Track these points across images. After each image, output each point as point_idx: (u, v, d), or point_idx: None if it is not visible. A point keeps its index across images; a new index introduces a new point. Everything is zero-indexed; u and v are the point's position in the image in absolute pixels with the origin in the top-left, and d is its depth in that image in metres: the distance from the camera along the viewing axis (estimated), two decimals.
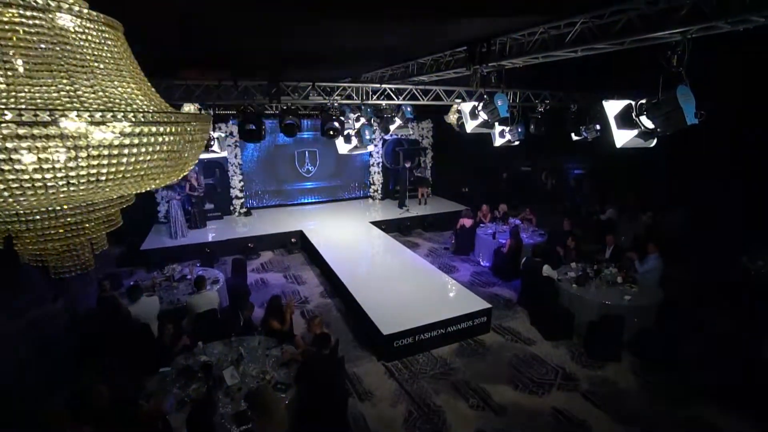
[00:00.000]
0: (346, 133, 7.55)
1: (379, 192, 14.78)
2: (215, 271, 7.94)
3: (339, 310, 7.84)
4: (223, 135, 7.05)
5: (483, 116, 5.40)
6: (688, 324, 6.62)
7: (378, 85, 7.34)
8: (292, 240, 11.12)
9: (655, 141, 3.86)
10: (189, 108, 7.40)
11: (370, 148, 8.05)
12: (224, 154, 7.30)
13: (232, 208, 12.82)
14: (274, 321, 5.67)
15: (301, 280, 9.25)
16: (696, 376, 5.71)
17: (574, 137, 9.17)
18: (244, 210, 12.89)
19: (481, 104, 5.38)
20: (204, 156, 6.90)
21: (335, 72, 7.04)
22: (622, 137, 3.77)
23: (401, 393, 5.54)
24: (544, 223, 10.87)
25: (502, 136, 8.03)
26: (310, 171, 14.04)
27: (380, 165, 14.62)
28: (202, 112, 6.64)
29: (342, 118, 7.46)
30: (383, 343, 6.14)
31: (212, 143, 6.52)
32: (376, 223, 11.99)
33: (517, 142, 8.11)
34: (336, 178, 14.56)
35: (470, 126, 5.67)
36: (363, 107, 7.90)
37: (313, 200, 14.36)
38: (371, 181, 14.74)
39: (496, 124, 5.60)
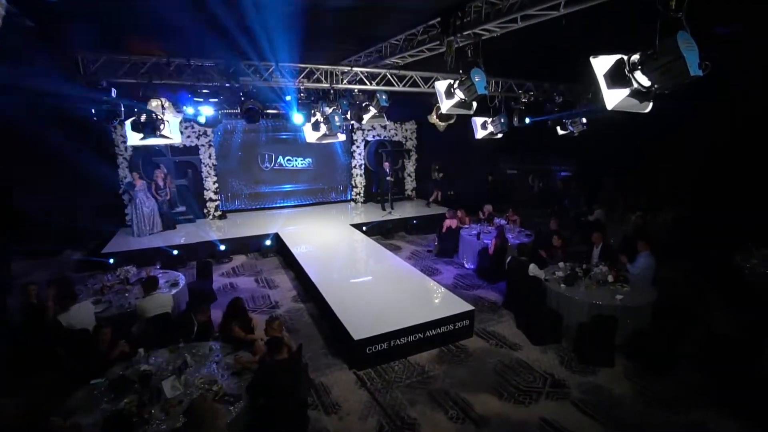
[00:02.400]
0: (314, 120, 6.99)
1: (362, 194, 14.28)
2: (176, 273, 7.30)
3: (311, 314, 7.24)
4: (178, 119, 6.29)
5: (459, 95, 4.91)
6: (683, 325, 6.17)
7: (348, 68, 6.78)
8: (267, 243, 10.54)
9: (650, 105, 3.38)
10: (156, 104, 6.61)
11: (341, 136, 7.46)
12: (177, 140, 6.55)
13: (205, 210, 12.23)
14: (237, 327, 5.05)
15: (273, 284, 8.63)
16: (693, 380, 5.28)
17: (560, 131, 8.76)
18: (219, 213, 12.32)
19: (457, 82, 4.89)
20: (153, 142, 6.19)
21: (303, 54, 6.50)
22: (614, 98, 3.28)
23: (372, 404, 4.97)
24: (531, 226, 10.45)
25: (484, 128, 7.59)
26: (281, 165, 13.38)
27: (363, 167, 14.17)
28: (164, 103, 5.86)
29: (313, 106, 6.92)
30: (354, 349, 5.56)
31: (162, 126, 5.78)
32: (357, 226, 11.50)
33: (500, 135, 7.66)
34: (317, 181, 14.01)
35: (446, 106, 5.16)
36: (338, 98, 7.35)
37: (293, 203, 13.80)
38: (353, 184, 14.24)
39: (474, 104, 5.12)
